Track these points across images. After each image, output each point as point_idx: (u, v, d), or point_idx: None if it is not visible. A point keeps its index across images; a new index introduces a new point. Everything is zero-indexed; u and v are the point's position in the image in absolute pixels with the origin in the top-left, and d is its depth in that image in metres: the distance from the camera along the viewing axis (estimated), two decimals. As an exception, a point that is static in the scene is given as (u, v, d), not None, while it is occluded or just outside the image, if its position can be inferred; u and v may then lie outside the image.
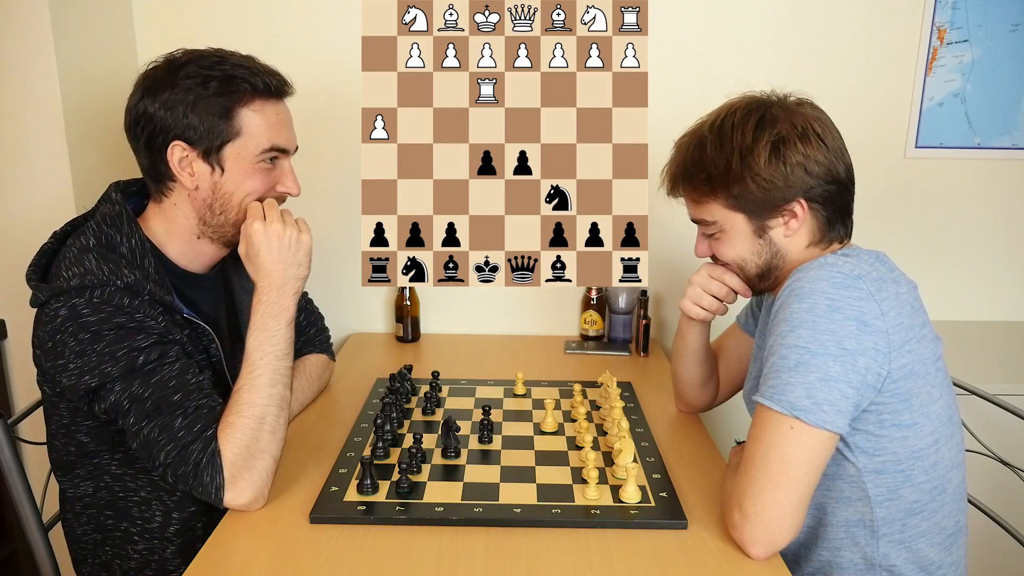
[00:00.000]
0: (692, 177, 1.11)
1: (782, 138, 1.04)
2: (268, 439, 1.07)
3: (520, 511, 1.06)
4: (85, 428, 1.13)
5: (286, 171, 1.19)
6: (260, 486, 1.06)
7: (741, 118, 1.07)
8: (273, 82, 1.14)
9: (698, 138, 1.11)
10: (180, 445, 1.03)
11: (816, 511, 1.07)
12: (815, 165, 1.04)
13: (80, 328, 1.03)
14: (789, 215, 1.07)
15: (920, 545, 1.04)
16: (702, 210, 1.13)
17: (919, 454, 1.02)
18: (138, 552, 1.18)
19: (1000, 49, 1.88)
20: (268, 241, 1.13)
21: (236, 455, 1.04)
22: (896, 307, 0.99)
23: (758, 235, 1.10)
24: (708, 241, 1.16)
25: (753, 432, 0.99)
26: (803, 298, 0.97)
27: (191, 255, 1.20)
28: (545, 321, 1.99)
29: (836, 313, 0.95)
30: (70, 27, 1.55)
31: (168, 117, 1.09)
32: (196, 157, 1.11)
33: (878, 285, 0.98)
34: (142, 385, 1.04)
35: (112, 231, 1.11)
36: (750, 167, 1.04)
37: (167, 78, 1.09)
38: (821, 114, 1.09)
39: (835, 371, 0.94)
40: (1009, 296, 2.05)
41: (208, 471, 1.02)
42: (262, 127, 1.13)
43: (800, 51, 1.86)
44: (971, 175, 1.97)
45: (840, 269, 0.98)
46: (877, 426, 1.00)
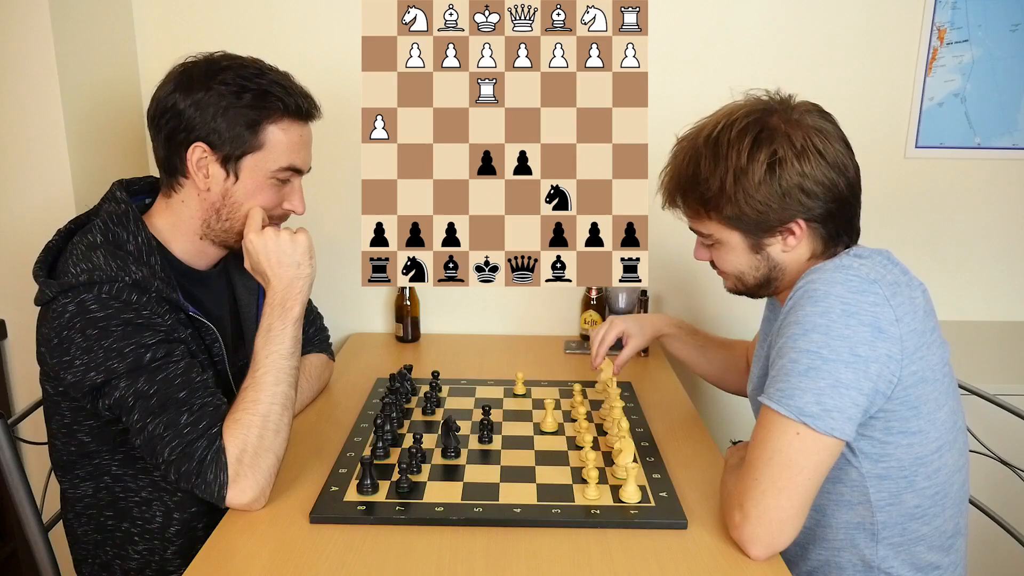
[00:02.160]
0: (686, 195, 1.09)
1: (779, 159, 1.00)
2: (272, 438, 1.07)
3: (520, 511, 1.06)
4: (87, 428, 1.13)
5: (295, 189, 1.21)
6: (263, 485, 1.06)
7: (737, 134, 1.02)
8: (304, 104, 1.16)
9: (694, 151, 1.07)
10: (184, 442, 1.02)
11: (816, 513, 1.06)
12: (813, 184, 1.01)
13: (88, 324, 1.03)
14: (787, 233, 1.05)
15: (919, 549, 1.04)
16: (698, 223, 1.12)
17: (923, 460, 1.01)
18: (138, 552, 1.17)
19: (1000, 49, 1.88)
20: (264, 247, 1.14)
21: (240, 453, 1.04)
22: (910, 312, 0.97)
23: (755, 251, 1.08)
24: (707, 249, 1.15)
25: (758, 433, 0.98)
26: (817, 301, 0.95)
27: (195, 252, 1.20)
28: (545, 321, 1.99)
29: (851, 319, 0.93)
30: (70, 27, 1.55)
31: (196, 116, 1.10)
32: (214, 161, 1.12)
33: (893, 290, 0.96)
34: (147, 382, 1.04)
35: (119, 229, 1.12)
36: (745, 189, 1.01)
37: (204, 79, 1.10)
38: (824, 123, 1.04)
39: (847, 378, 0.92)
40: (1009, 296, 2.05)
41: (212, 469, 1.02)
42: (284, 145, 1.14)
43: (800, 51, 1.86)
44: (971, 175, 1.96)
45: (856, 272, 0.96)
46: (884, 432, 0.99)
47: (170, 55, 1.19)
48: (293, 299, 1.14)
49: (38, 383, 1.16)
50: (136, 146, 1.82)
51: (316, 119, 1.21)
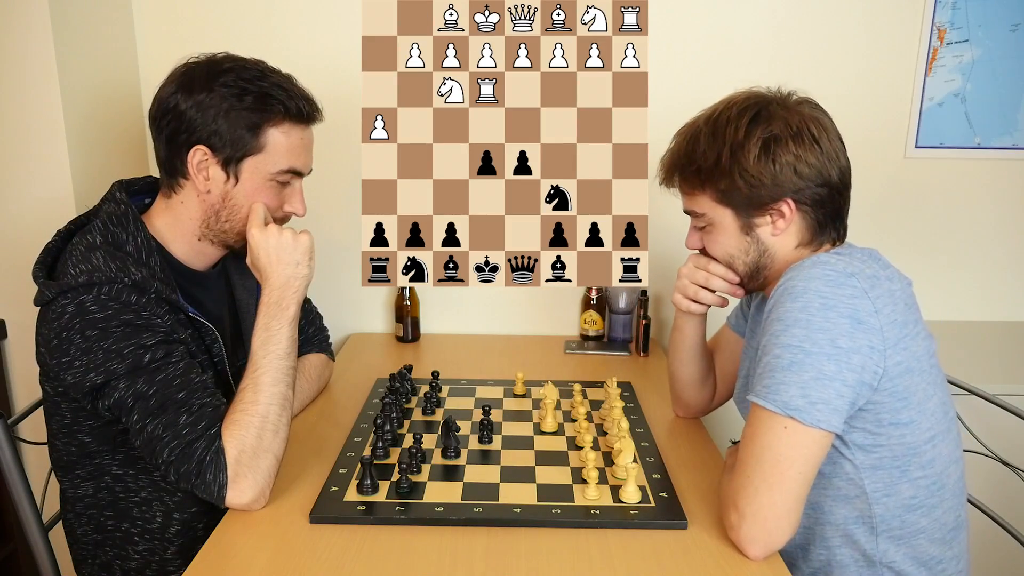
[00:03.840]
0: (683, 168, 1.12)
1: (775, 136, 1.04)
2: (271, 438, 1.07)
3: (520, 511, 1.06)
4: (87, 428, 1.13)
5: (296, 192, 1.21)
6: (263, 486, 1.06)
7: (737, 113, 1.06)
8: (306, 108, 1.16)
9: (694, 130, 1.11)
10: (184, 443, 1.02)
11: (813, 511, 1.07)
12: (806, 167, 1.04)
13: (87, 325, 1.03)
14: (776, 214, 1.07)
15: (920, 541, 1.04)
16: (693, 202, 1.14)
17: (916, 450, 1.02)
18: (139, 553, 1.18)
19: (1000, 49, 1.88)
20: (266, 243, 1.14)
21: (240, 453, 1.04)
22: (890, 304, 0.99)
23: (745, 232, 1.10)
24: (699, 234, 1.17)
25: (747, 432, 0.99)
26: (796, 296, 0.97)
27: (194, 253, 1.21)
28: (545, 321, 1.99)
29: (830, 311, 0.95)
30: (70, 27, 1.55)
31: (197, 118, 1.10)
32: (215, 163, 1.13)
33: (871, 282, 0.98)
34: (147, 383, 1.04)
35: (118, 230, 1.12)
36: (739, 162, 1.05)
37: (206, 80, 1.10)
38: (822, 115, 1.08)
39: (830, 370, 0.94)
40: (1008, 296, 2.05)
41: (211, 469, 1.02)
42: (284, 148, 1.15)
43: (800, 51, 1.86)
44: (971, 175, 1.97)
45: (833, 267, 0.98)
46: (875, 424, 1.00)
47: (170, 55, 1.19)
48: (289, 298, 1.14)
49: (38, 383, 1.16)
50: (136, 146, 1.82)
51: (317, 122, 1.21)
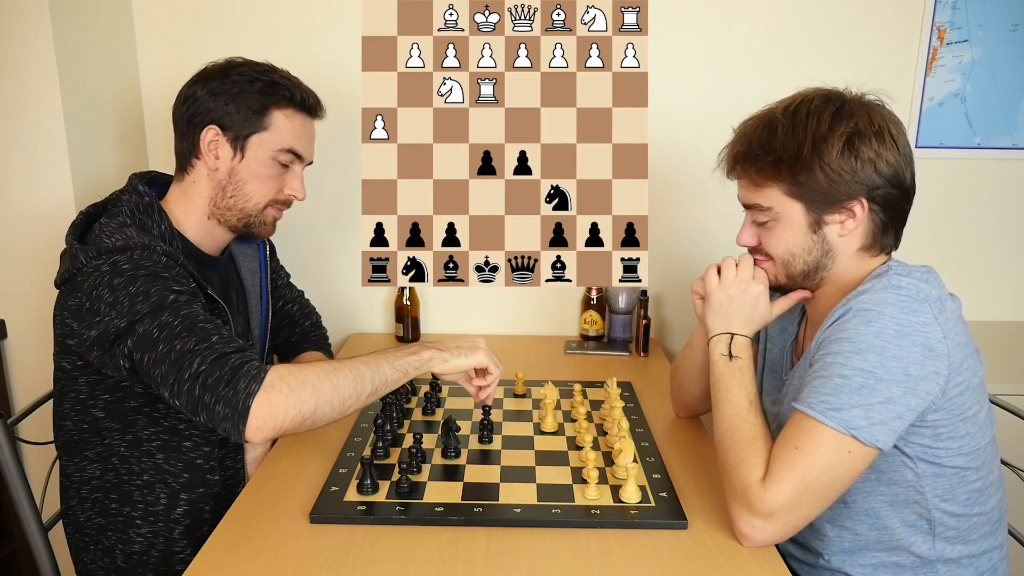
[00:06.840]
0: (757, 158, 1.07)
1: (858, 132, 1.02)
2: (324, 382, 1.01)
3: (520, 511, 1.06)
4: (102, 403, 1.15)
5: (296, 175, 1.27)
6: (292, 412, 0.98)
7: (818, 106, 1.04)
8: (309, 99, 1.25)
9: (768, 120, 1.07)
10: (218, 352, 0.99)
11: (870, 517, 1.07)
12: (885, 165, 1.03)
13: (117, 275, 1.06)
14: (848, 213, 1.05)
15: (973, 536, 1.07)
16: (759, 194, 1.08)
17: (972, 456, 1.04)
18: (141, 535, 1.19)
19: (1000, 49, 1.88)
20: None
21: (285, 375, 0.99)
22: (955, 327, 1.00)
23: (813, 229, 1.07)
24: (756, 229, 1.12)
25: (803, 445, 0.96)
26: (871, 321, 0.97)
27: (205, 234, 1.26)
28: (545, 321, 1.99)
29: (904, 339, 0.95)
30: (70, 28, 1.55)
31: (211, 101, 1.20)
32: (225, 141, 1.21)
33: (939, 306, 0.99)
34: (172, 315, 1.03)
35: (144, 217, 1.19)
36: (821, 155, 1.02)
37: (222, 72, 1.21)
38: (896, 118, 1.07)
39: (895, 394, 0.95)
40: (1009, 296, 2.05)
41: (245, 379, 0.97)
42: (287, 129, 1.23)
43: (800, 51, 1.85)
44: (971, 175, 1.96)
45: (907, 292, 0.98)
46: (933, 440, 1.01)
47: (170, 56, 1.19)
48: (430, 360, 1.14)
49: (38, 383, 1.16)
50: (136, 146, 1.82)
51: (320, 117, 1.28)
